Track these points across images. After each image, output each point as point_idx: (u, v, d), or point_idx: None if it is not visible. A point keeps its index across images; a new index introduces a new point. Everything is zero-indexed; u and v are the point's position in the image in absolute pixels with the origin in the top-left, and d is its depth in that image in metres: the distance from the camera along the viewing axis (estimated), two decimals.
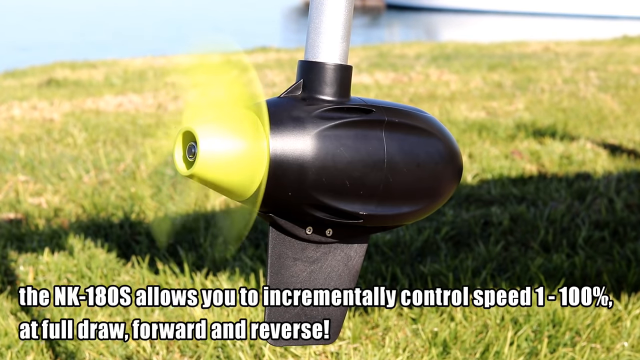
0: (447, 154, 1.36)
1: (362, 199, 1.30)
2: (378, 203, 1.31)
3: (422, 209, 1.36)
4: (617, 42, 13.65)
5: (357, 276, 1.38)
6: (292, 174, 1.25)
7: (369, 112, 1.30)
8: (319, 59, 1.31)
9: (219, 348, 2.38)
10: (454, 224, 3.39)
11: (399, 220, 1.35)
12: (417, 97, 7.35)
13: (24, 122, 6.32)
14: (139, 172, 4.32)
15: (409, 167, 1.32)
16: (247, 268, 2.92)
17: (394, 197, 1.32)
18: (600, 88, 7.64)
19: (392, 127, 1.31)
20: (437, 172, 1.35)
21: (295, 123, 1.26)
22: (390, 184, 1.31)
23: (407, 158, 1.32)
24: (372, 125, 1.30)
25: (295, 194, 1.26)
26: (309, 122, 1.26)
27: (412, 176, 1.33)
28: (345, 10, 1.32)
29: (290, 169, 1.25)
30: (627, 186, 3.90)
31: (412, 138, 1.33)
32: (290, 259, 1.33)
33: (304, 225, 1.32)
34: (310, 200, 1.27)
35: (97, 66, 10.58)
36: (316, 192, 1.27)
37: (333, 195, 1.28)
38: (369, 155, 1.29)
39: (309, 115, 1.27)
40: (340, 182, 1.27)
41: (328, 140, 1.26)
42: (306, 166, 1.25)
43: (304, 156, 1.25)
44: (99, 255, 3.05)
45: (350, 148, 1.27)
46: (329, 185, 1.27)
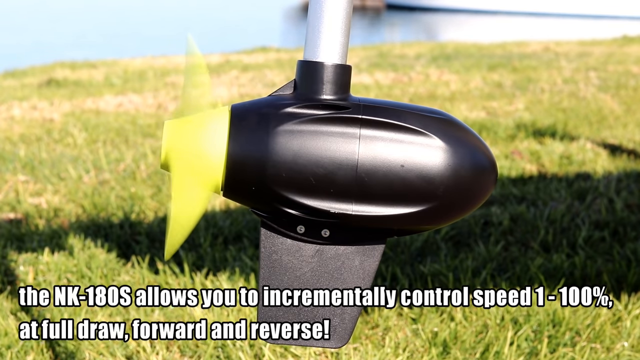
0: (450, 158, 1.29)
1: (335, 197, 1.28)
2: (357, 202, 1.29)
3: (424, 212, 1.30)
4: (617, 42, 13.65)
5: (371, 278, 1.36)
6: (250, 168, 1.28)
7: (343, 108, 1.29)
8: (318, 58, 1.31)
9: (219, 348, 2.38)
10: (454, 224, 3.39)
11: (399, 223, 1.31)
12: (417, 97, 7.35)
13: (24, 122, 6.32)
14: (139, 172, 4.32)
15: (389, 167, 1.28)
16: (247, 268, 2.92)
17: (377, 198, 1.29)
18: (600, 88, 7.64)
19: (371, 125, 1.29)
20: (431, 175, 1.29)
21: (259, 119, 1.28)
22: (367, 184, 1.28)
23: (388, 158, 1.28)
24: (346, 122, 1.28)
25: (258, 189, 1.28)
26: (274, 119, 1.28)
27: (395, 177, 1.28)
28: (344, 10, 1.32)
29: (248, 163, 1.28)
30: (627, 186, 3.90)
31: (398, 137, 1.29)
32: (285, 258, 1.33)
33: (290, 224, 1.32)
34: (275, 196, 1.28)
35: (97, 66, 10.58)
36: (278, 187, 1.28)
37: (298, 191, 1.28)
38: (337, 152, 1.27)
39: (276, 112, 1.28)
40: (303, 178, 1.27)
41: (290, 136, 1.27)
42: (263, 160, 1.27)
43: (261, 150, 1.27)
44: (99, 255, 3.05)
45: (313, 144, 1.27)
46: (290, 181, 1.27)
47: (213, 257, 3.05)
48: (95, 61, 11.33)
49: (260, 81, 8.65)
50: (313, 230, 1.32)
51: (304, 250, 1.34)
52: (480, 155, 1.31)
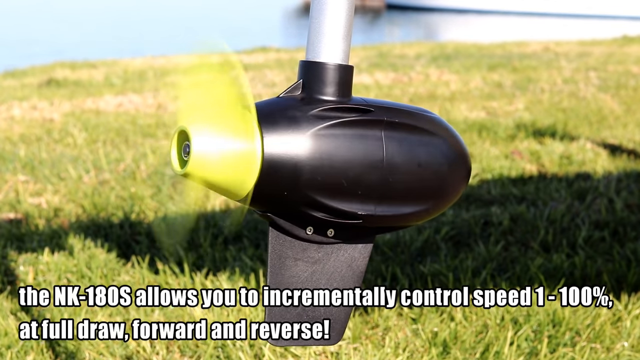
0: (452, 155, 1.35)
1: (360, 199, 1.29)
2: (378, 203, 1.31)
3: (427, 209, 1.35)
4: (617, 42, 13.66)
5: (362, 277, 1.38)
6: (286, 173, 1.25)
7: (367, 111, 1.30)
8: (320, 59, 1.31)
9: (219, 348, 2.38)
10: (454, 224, 3.39)
11: (404, 221, 1.35)
12: (417, 97, 7.34)
13: (24, 122, 6.32)
14: (139, 172, 4.32)
15: (409, 167, 1.31)
16: (247, 268, 2.92)
17: (394, 198, 1.32)
18: (600, 88, 7.64)
19: (392, 127, 1.31)
20: (441, 172, 1.34)
21: (290, 122, 1.26)
22: (390, 184, 1.30)
23: (408, 158, 1.31)
24: (371, 125, 1.29)
25: (291, 193, 1.26)
26: (304, 122, 1.26)
27: (413, 176, 1.32)
28: (346, 11, 1.32)
29: (284, 168, 1.25)
30: (627, 186, 3.90)
31: (413, 138, 1.32)
32: (290, 259, 1.33)
33: (304, 225, 1.31)
34: (306, 200, 1.27)
35: (97, 66, 10.58)
36: (311, 191, 1.26)
37: (329, 194, 1.27)
38: (366, 155, 1.28)
39: (304, 115, 1.27)
40: (336, 181, 1.27)
41: (323, 139, 1.26)
42: (300, 165, 1.25)
43: (298, 155, 1.25)
44: (99, 255, 3.05)
45: (346, 147, 1.27)
46: (324, 185, 1.27)
47: (213, 257, 3.05)
48: (95, 61, 11.33)
49: (260, 81, 8.65)
50: (321, 231, 1.33)
51: (308, 250, 1.34)
52: (464, 149, 1.40)
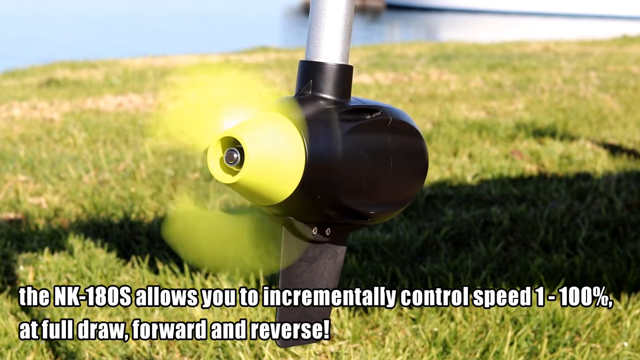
0: (424, 152, 1.36)
1: (372, 199, 1.30)
2: (382, 202, 1.32)
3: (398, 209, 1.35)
4: (617, 42, 13.65)
5: (339, 273, 1.38)
6: (323, 177, 1.24)
7: (376, 112, 1.30)
8: (320, 58, 1.31)
9: (219, 348, 2.38)
10: (454, 224, 3.39)
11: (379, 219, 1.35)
12: (417, 97, 7.34)
13: (24, 122, 6.32)
14: (139, 172, 4.33)
15: (406, 167, 1.33)
16: (247, 268, 2.92)
17: (392, 197, 1.33)
18: (600, 88, 7.64)
19: (394, 128, 1.32)
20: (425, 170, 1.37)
21: (323, 125, 1.24)
22: (392, 184, 1.32)
23: (406, 157, 1.33)
24: (379, 126, 1.30)
25: (323, 197, 1.25)
26: (334, 124, 1.25)
27: (410, 174, 1.34)
28: (346, 10, 1.32)
29: (322, 172, 1.23)
30: (627, 186, 3.90)
31: (406, 138, 1.33)
32: (297, 260, 1.34)
33: (313, 226, 1.32)
34: (333, 202, 1.27)
35: (97, 66, 10.58)
36: (341, 194, 1.26)
37: (352, 196, 1.28)
38: (380, 156, 1.29)
39: (333, 118, 1.26)
40: (360, 183, 1.27)
41: (351, 142, 1.26)
42: (335, 168, 1.24)
43: (334, 159, 1.24)
44: (99, 255, 3.05)
45: (368, 150, 1.28)
46: (351, 187, 1.27)
47: None
48: (95, 61, 11.33)
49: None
50: (322, 231, 1.33)
51: (309, 251, 1.35)
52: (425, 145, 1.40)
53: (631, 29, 18.58)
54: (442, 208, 3.62)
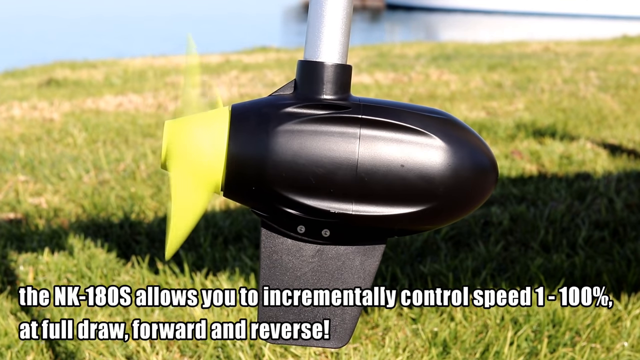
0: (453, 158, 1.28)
1: (335, 197, 1.28)
2: (355, 202, 1.29)
3: (423, 212, 1.30)
4: (617, 42, 13.66)
5: (372, 278, 1.36)
6: (250, 168, 1.28)
7: (342, 108, 1.29)
8: (318, 58, 1.31)
9: (219, 348, 2.38)
10: (454, 223, 3.39)
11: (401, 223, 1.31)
12: (417, 97, 7.35)
13: (24, 122, 6.32)
14: (139, 172, 4.33)
15: (390, 167, 1.28)
16: (247, 268, 2.92)
17: (375, 198, 1.29)
18: (600, 88, 7.64)
19: (372, 125, 1.28)
20: (431, 175, 1.28)
21: (260, 119, 1.28)
22: (367, 184, 1.28)
23: (388, 158, 1.28)
24: (346, 122, 1.28)
25: (258, 188, 1.29)
26: (274, 118, 1.28)
27: (395, 177, 1.28)
28: (344, 10, 1.32)
29: (248, 163, 1.28)
30: (627, 186, 3.90)
31: (398, 137, 1.29)
32: (285, 257, 1.33)
33: (290, 223, 1.31)
34: (275, 196, 1.28)
35: (97, 66, 10.58)
36: (277, 186, 1.28)
37: (297, 191, 1.28)
38: (337, 152, 1.27)
39: (276, 112, 1.28)
40: (303, 178, 1.28)
41: (289, 135, 1.27)
42: (263, 160, 1.27)
43: (261, 150, 1.27)
44: (99, 255, 3.05)
45: (313, 144, 1.27)
46: (290, 180, 1.27)
47: (213, 257, 3.05)
48: (95, 61, 11.33)
49: (260, 81, 8.65)
50: (314, 230, 1.32)
51: (304, 250, 1.34)
52: (481, 155, 1.30)
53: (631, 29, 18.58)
54: None
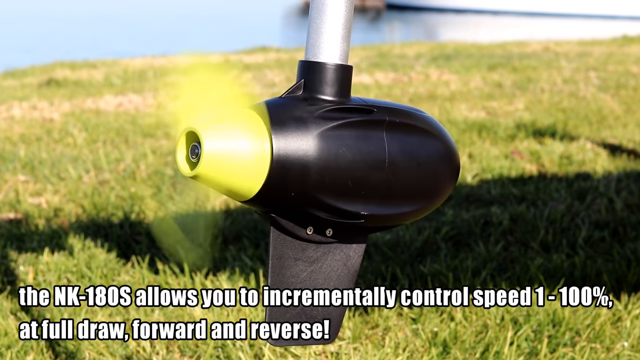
0: (446, 154, 1.37)
1: (364, 199, 1.30)
2: (379, 203, 1.31)
3: (421, 208, 1.36)
4: (617, 42, 13.65)
5: (355, 276, 1.39)
6: (295, 175, 1.25)
7: (370, 112, 1.30)
8: (320, 59, 1.31)
9: (219, 348, 2.38)
10: (454, 224, 3.39)
11: (399, 220, 1.36)
12: (417, 97, 7.34)
13: (24, 122, 6.32)
14: (139, 172, 4.33)
15: (409, 166, 1.32)
16: (247, 268, 2.92)
17: (395, 197, 1.32)
18: (600, 88, 7.64)
19: (393, 127, 1.31)
20: (436, 172, 1.36)
21: (297, 123, 1.26)
22: (392, 184, 1.31)
23: (408, 158, 1.32)
24: (374, 125, 1.30)
25: (299, 195, 1.26)
26: (312, 123, 1.26)
27: (413, 176, 1.33)
28: (345, 10, 1.32)
29: (293, 170, 1.25)
30: (627, 186, 3.90)
31: (413, 138, 1.33)
32: (291, 259, 1.34)
33: (305, 225, 1.32)
34: (312, 201, 1.27)
35: (97, 66, 10.58)
36: (319, 192, 1.27)
37: (335, 195, 1.28)
38: (370, 155, 1.29)
39: (311, 116, 1.27)
40: (343, 182, 1.28)
41: (330, 140, 1.26)
42: (309, 166, 1.25)
43: (307, 156, 1.25)
44: (99, 255, 3.05)
45: (352, 148, 1.28)
46: (331, 186, 1.27)
47: (213, 257, 3.05)
48: (95, 61, 11.33)
49: (260, 81, 8.65)
50: (320, 231, 1.33)
51: (307, 250, 1.34)
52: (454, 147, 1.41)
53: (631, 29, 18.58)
54: (442, 208, 3.62)
